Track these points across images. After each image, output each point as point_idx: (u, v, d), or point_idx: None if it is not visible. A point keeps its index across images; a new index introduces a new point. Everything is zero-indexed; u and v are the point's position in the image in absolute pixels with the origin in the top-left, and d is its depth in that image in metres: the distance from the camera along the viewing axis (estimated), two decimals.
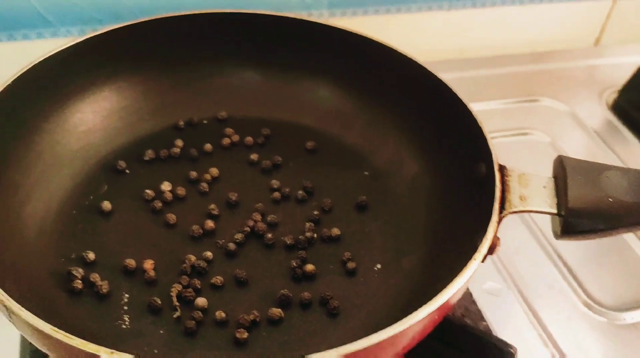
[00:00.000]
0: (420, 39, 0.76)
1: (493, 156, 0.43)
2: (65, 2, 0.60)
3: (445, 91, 0.50)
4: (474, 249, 0.39)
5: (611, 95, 0.74)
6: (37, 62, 0.47)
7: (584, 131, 0.70)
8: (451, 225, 0.47)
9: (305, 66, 0.58)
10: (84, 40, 0.50)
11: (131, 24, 0.52)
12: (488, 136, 0.45)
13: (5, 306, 0.34)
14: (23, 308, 0.33)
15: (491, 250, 0.38)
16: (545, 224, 0.55)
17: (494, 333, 0.49)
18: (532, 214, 0.45)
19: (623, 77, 0.73)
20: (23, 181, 0.47)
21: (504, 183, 0.41)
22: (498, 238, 0.39)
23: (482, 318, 0.50)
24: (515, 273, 0.54)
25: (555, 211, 0.39)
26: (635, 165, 0.65)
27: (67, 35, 0.63)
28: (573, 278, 0.54)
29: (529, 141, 0.68)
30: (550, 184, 0.41)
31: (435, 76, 0.51)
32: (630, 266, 0.55)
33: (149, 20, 0.53)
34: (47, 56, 0.48)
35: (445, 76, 0.51)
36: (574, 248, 0.56)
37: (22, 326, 0.35)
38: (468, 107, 0.48)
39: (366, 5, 0.71)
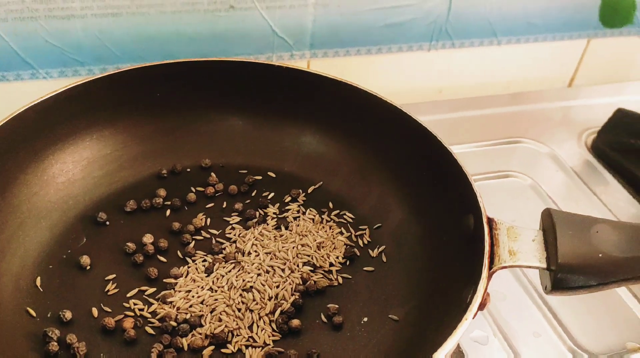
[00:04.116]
0: (400, 80, 0.77)
1: (481, 208, 0.42)
2: (44, 44, 0.59)
3: (428, 137, 0.50)
4: (464, 306, 0.38)
5: (590, 136, 0.75)
6: (15, 114, 0.46)
7: (565, 173, 0.70)
8: (439, 277, 0.46)
9: (288, 113, 0.57)
10: (64, 90, 0.49)
11: (111, 74, 0.52)
12: (475, 186, 0.45)
13: None
14: None
15: (482, 306, 0.38)
16: (532, 271, 0.55)
17: None
18: None
19: (599, 118, 0.74)
20: None
21: (492, 236, 0.41)
22: (488, 294, 0.38)
23: None
24: (501, 319, 0.54)
25: (544, 265, 0.39)
26: (615, 206, 0.66)
27: (46, 77, 0.62)
28: (559, 325, 0.54)
29: (511, 183, 0.69)
30: (539, 237, 0.41)
31: (418, 122, 0.51)
32: (616, 312, 0.55)
33: (129, 70, 0.53)
34: (26, 107, 0.47)
35: (425, 118, 0.51)
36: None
37: None
38: (453, 154, 0.48)
39: (347, 45, 0.71)
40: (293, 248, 0.50)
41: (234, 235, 0.51)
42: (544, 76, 0.84)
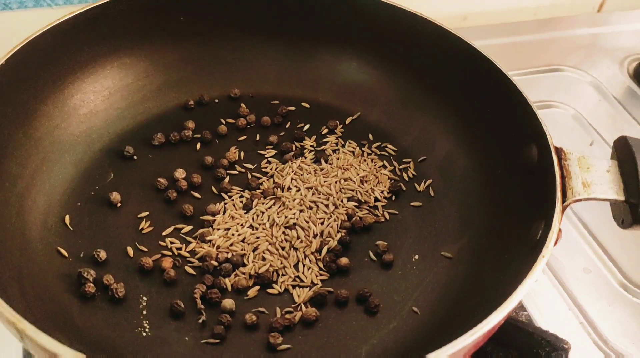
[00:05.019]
0: (423, 6, 0.71)
1: (548, 137, 0.39)
2: None
3: (481, 62, 0.46)
4: (533, 243, 0.36)
5: (632, 63, 0.71)
6: (31, 38, 0.42)
7: (607, 101, 0.67)
8: (494, 212, 0.43)
9: (322, 38, 0.53)
10: (82, 12, 0.45)
11: None
12: (538, 113, 0.41)
13: (17, 329, 0.30)
14: (39, 331, 0.29)
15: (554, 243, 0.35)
16: (578, 204, 0.52)
17: (535, 322, 0.46)
18: None
19: (636, 45, 0.71)
20: (21, 171, 0.42)
21: (562, 167, 0.37)
22: (560, 230, 0.35)
23: (522, 308, 0.47)
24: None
25: (623, 198, 0.36)
26: None
27: (51, 4, 0.58)
28: (609, 260, 0.52)
29: (553, 113, 0.65)
30: (614, 168, 0.37)
31: (469, 44, 0.47)
32: None
33: None
34: (42, 30, 0.43)
35: None
36: (608, 229, 0.53)
37: (36, 348, 0.30)
38: (512, 81, 0.44)
39: None
40: (335, 182, 0.46)
41: (271, 169, 0.48)
42: (573, 1, 0.79)
